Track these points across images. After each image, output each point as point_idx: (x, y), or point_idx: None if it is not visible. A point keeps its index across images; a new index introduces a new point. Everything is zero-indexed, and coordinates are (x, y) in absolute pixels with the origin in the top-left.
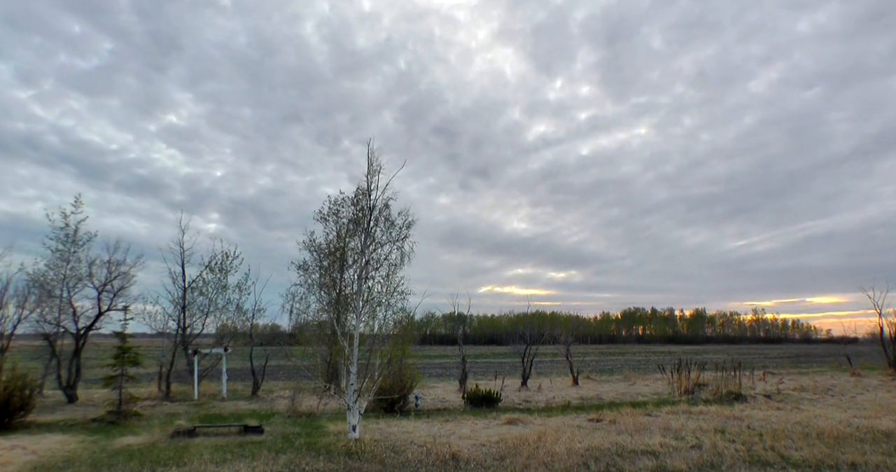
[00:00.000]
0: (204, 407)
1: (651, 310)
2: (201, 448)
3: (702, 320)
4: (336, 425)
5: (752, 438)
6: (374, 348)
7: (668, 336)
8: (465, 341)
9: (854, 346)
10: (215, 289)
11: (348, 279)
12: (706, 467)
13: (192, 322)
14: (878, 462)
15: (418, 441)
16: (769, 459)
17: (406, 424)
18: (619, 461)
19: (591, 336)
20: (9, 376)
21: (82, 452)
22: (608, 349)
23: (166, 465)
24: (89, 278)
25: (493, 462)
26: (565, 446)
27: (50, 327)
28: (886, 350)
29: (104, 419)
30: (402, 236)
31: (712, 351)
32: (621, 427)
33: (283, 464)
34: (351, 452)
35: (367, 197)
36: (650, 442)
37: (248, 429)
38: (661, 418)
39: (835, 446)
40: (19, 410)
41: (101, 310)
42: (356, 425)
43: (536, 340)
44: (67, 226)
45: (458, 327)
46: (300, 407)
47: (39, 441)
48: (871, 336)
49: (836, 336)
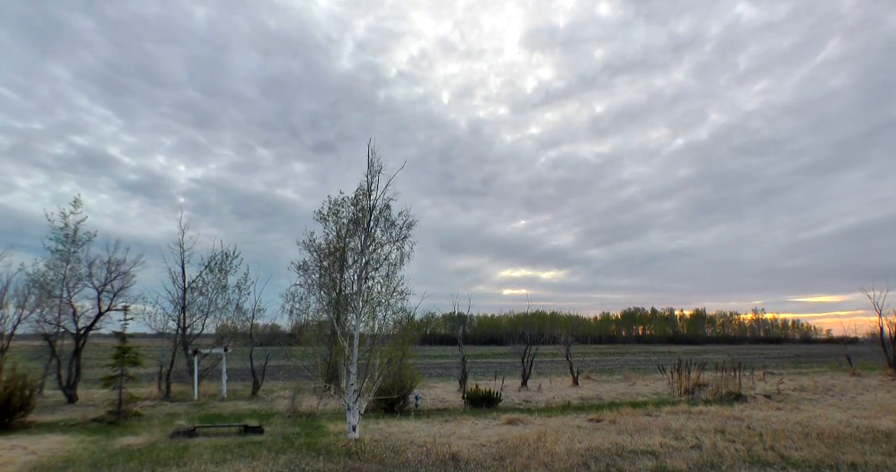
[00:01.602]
0: (204, 407)
1: (651, 310)
2: (201, 448)
3: (702, 320)
4: (336, 425)
5: (752, 438)
6: (374, 348)
7: (668, 336)
8: (465, 341)
9: (854, 346)
10: (215, 289)
11: (348, 279)
12: (706, 467)
13: (192, 322)
14: (878, 462)
15: (418, 441)
16: (769, 459)
17: (406, 424)
18: (619, 462)
19: (591, 336)
20: (9, 377)
21: (82, 452)
22: (608, 349)
23: (166, 465)
24: (89, 278)
25: (493, 462)
26: (565, 446)
27: (50, 327)
28: (886, 350)
29: (104, 419)
30: (402, 236)
31: (712, 351)
32: (621, 427)
33: (283, 464)
34: (351, 452)
35: (367, 197)
36: (650, 442)
37: (248, 429)
38: (661, 418)
39: (835, 446)
40: (19, 410)
41: (101, 310)
42: (356, 425)
43: (536, 340)
44: (67, 226)
45: (458, 327)
46: (300, 407)
47: (39, 441)
48: (871, 336)
49: (836, 336)
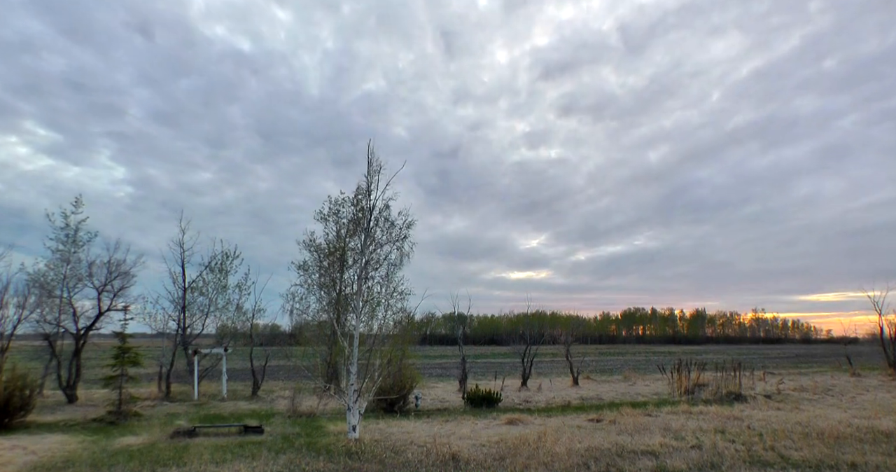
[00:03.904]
0: (204, 407)
1: (651, 310)
2: (201, 448)
3: (702, 320)
4: (336, 425)
5: (752, 438)
6: (374, 348)
7: (668, 336)
8: (465, 342)
9: (854, 346)
10: (215, 289)
11: (348, 279)
12: (706, 467)
13: (192, 322)
14: (878, 462)
15: (418, 441)
16: (769, 459)
17: (406, 424)
18: (619, 462)
19: (591, 336)
20: (9, 377)
21: (82, 452)
22: (608, 349)
23: (166, 465)
24: (89, 279)
25: (493, 463)
26: (565, 446)
27: (50, 327)
28: (886, 350)
29: (104, 420)
30: (401, 236)
31: (712, 351)
32: (621, 427)
33: (283, 464)
34: (351, 452)
35: (367, 197)
36: (650, 442)
37: (248, 429)
38: (661, 418)
39: (835, 446)
40: (19, 410)
41: (101, 310)
42: (356, 425)
43: (536, 340)
44: (68, 226)
45: (458, 327)
46: (300, 407)
47: (39, 441)
48: (871, 336)
49: (836, 336)
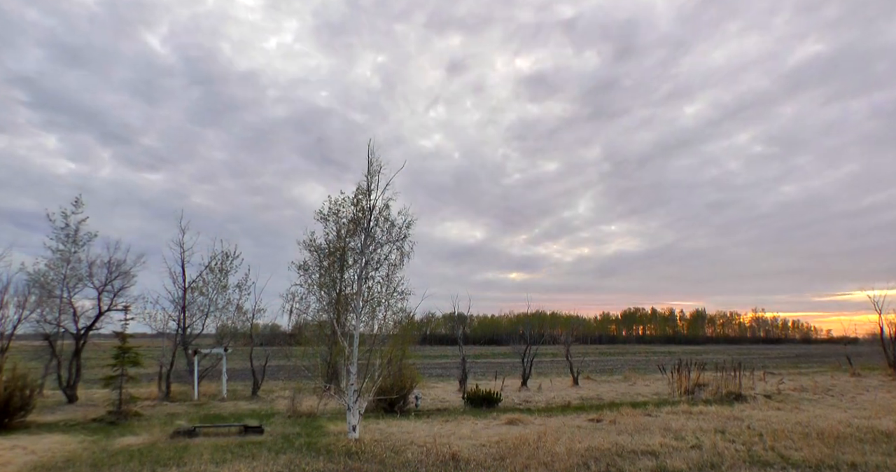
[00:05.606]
0: (204, 407)
1: (651, 310)
2: (201, 448)
3: (702, 320)
4: (336, 425)
5: (752, 438)
6: (374, 348)
7: (668, 336)
8: (465, 342)
9: (854, 346)
10: (215, 289)
11: (348, 279)
12: (706, 467)
13: (193, 322)
14: (879, 463)
15: (418, 441)
16: (769, 459)
17: (406, 424)
18: (619, 462)
19: (591, 336)
20: (9, 377)
21: (82, 452)
22: (608, 349)
23: (166, 465)
24: (89, 278)
25: (493, 463)
26: (565, 446)
27: (50, 327)
28: (886, 350)
29: (104, 420)
30: (402, 236)
31: (712, 351)
32: (621, 427)
33: (283, 464)
34: (351, 452)
35: (367, 197)
36: (650, 442)
37: (248, 429)
38: (661, 418)
39: (835, 446)
40: (19, 410)
41: (102, 310)
42: (356, 425)
43: (536, 340)
44: (68, 226)
45: (458, 327)
46: (300, 407)
47: (39, 441)
48: (871, 336)
49: (837, 336)
